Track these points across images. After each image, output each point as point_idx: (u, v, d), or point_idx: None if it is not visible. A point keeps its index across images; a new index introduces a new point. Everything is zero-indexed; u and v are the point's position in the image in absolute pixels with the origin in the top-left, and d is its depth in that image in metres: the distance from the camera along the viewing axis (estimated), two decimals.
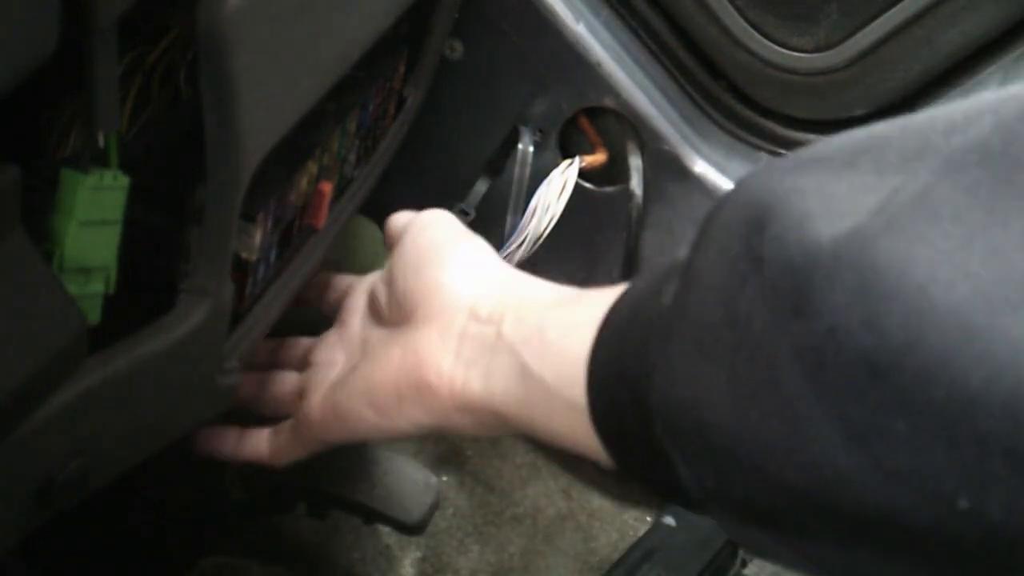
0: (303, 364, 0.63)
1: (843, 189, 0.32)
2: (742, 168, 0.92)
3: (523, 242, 0.92)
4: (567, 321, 0.46)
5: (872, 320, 0.28)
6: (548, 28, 0.89)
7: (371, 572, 0.97)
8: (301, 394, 0.60)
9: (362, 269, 1.01)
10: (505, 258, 0.94)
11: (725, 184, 0.92)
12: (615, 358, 0.42)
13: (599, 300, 0.45)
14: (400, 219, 0.61)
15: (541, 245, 0.93)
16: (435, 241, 0.56)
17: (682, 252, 0.39)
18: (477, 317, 0.50)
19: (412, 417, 0.51)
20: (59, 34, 0.37)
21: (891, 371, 0.28)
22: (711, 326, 0.34)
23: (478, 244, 0.57)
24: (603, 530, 1.04)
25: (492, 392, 0.48)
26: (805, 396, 0.30)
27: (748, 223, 0.34)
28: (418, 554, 0.99)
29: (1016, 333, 0.26)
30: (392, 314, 0.56)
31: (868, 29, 0.83)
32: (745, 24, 0.87)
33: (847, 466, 0.29)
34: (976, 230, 0.28)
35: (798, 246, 0.31)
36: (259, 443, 0.62)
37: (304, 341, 0.63)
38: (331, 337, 0.62)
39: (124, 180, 0.47)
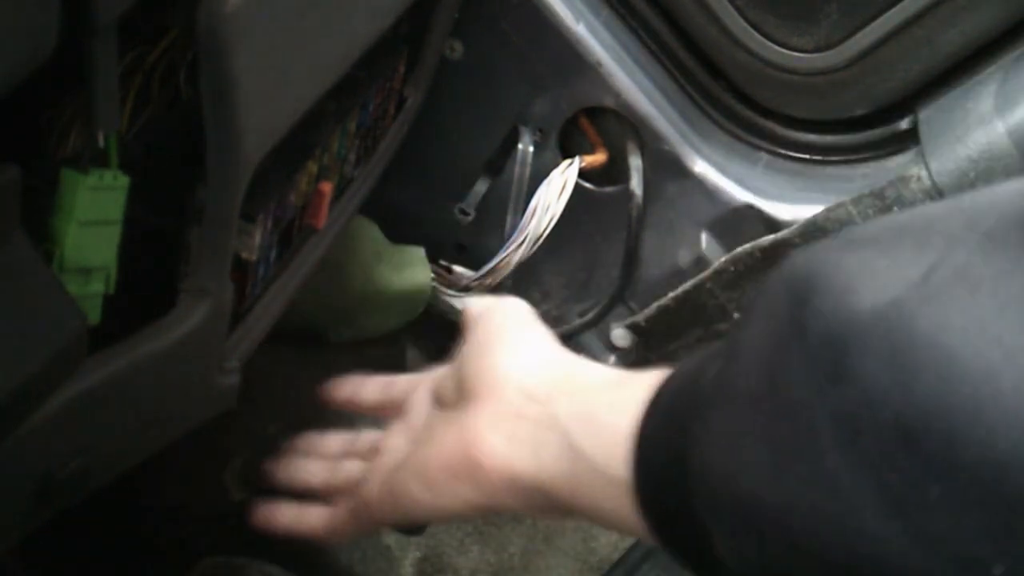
0: (372, 454, 0.63)
1: (885, 264, 0.32)
2: (742, 168, 0.92)
3: (523, 242, 0.92)
4: (616, 401, 0.46)
5: (904, 384, 0.29)
6: (548, 28, 0.89)
7: (371, 572, 0.97)
8: (364, 479, 0.61)
9: (362, 269, 1.02)
10: (505, 258, 0.94)
11: (725, 184, 0.92)
12: (660, 435, 0.43)
13: (648, 380, 0.46)
14: (476, 306, 0.62)
15: (541, 245, 0.93)
16: (500, 327, 0.57)
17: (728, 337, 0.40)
18: (532, 398, 0.51)
19: (463, 496, 0.52)
20: (59, 34, 0.37)
21: (923, 435, 0.28)
22: (752, 397, 0.35)
23: (541, 331, 0.57)
24: (603, 530, 1.04)
25: (541, 471, 0.49)
26: (842, 463, 0.30)
27: (793, 297, 0.34)
28: (418, 554, 0.99)
29: None
30: (455, 399, 0.57)
31: (868, 29, 0.83)
32: (745, 24, 0.87)
33: (884, 535, 0.29)
34: (1011, 301, 0.28)
35: (837, 315, 0.31)
36: (316, 520, 0.62)
37: (374, 434, 0.64)
38: (398, 426, 0.63)
39: (124, 180, 0.47)
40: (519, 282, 1.01)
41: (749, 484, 0.34)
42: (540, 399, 0.51)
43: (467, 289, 1.00)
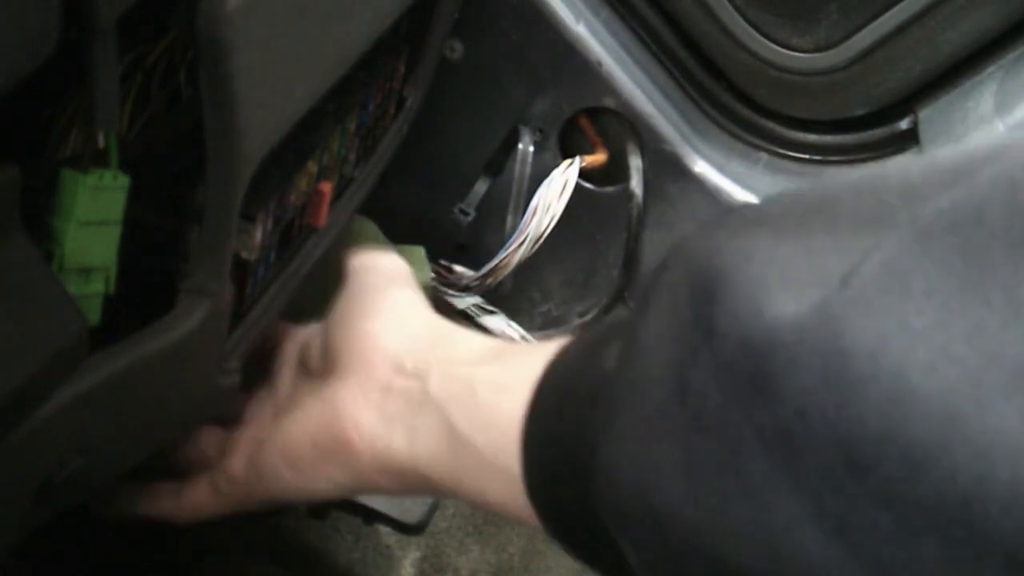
0: (233, 423, 0.58)
1: (798, 254, 0.30)
2: (742, 168, 0.92)
3: (523, 242, 0.92)
4: (499, 379, 0.42)
5: (846, 406, 0.26)
6: (548, 28, 0.89)
7: (371, 572, 0.97)
8: (223, 451, 0.55)
9: None
10: (505, 258, 0.94)
11: (725, 184, 0.92)
12: (552, 426, 0.39)
13: (534, 357, 0.42)
14: (355, 260, 0.56)
15: (541, 245, 0.93)
16: (365, 287, 0.53)
17: (620, 311, 0.37)
18: (402, 370, 0.47)
19: (330, 476, 0.48)
20: (59, 34, 0.37)
21: (872, 462, 0.26)
22: (660, 401, 0.32)
23: (410, 293, 0.52)
24: None
25: (417, 454, 0.45)
26: (773, 481, 0.28)
27: (695, 289, 0.32)
28: (418, 554, 0.99)
29: (1010, 423, 0.24)
30: (321, 366, 0.53)
31: (868, 29, 0.83)
32: (745, 24, 0.87)
33: (824, 557, 0.27)
34: (953, 306, 0.25)
35: (755, 321, 0.29)
36: (160, 499, 0.56)
37: (239, 398, 0.58)
38: (260, 392, 0.57)
39: (124, 180, 0.47)
40: (519, 282, 1.01)
41: (663, 498, 0.31)
42: (411, 372, 0.46)
43: (467, 288, 1.00)
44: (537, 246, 0.92)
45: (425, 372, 0.46)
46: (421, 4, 0.73)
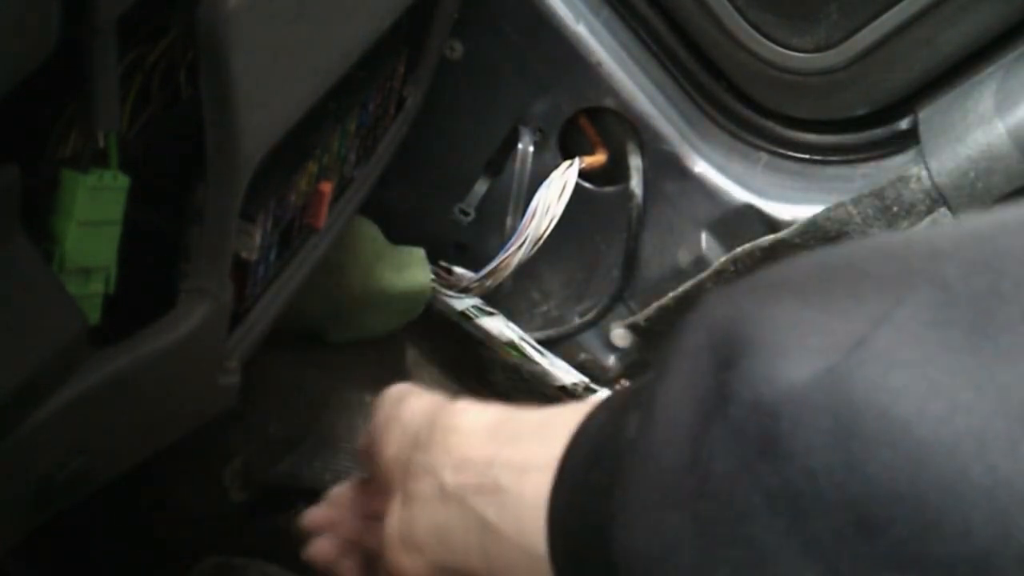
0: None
1: (818, 319, 0.29)
2: (742, 168, 0.92)
3: (523, 243, 0.92)
4: (520, 462, 0.41)
5: (853, 462, 0.25)
6: (548, 28, 0.89)
7: None
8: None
9: (362, 269, 1.02)
10: (505, 259, 0.94)
11: (725, 184, 0.92)
12: (575, 504, 0.38)
13: (554, 432, 0.40)
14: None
15: (541, 246, 0.93)
16: (379, 421, 0.52)
17: (645, 377, 0.37)
18: (412, 474, 0.46)
19: None
20: (59, 34, 0.37)
21: (884, 523, 0.25)
22: (672, 469, 0.31)
23: (409, 396, 0.52)
24: None
25: (449, 554, 0.44)
26: (783, 547, 0.27)
27: (718, 354, 0.31)
28: None
29: (1015, 474, 0.23)
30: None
31: (868, 29, 0.83)
32: (745, 24, 0.87)
33: None
34: (966, 359, 0.25)
35: (768, 384, 0.28)
36: None
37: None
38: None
39: (124, 180, 0.47)
40: (519, 282, 1.01)
41: (674, 570, 0.30)
42: (430, 470, 0.46)
43: (467, 290, 1.00)
44: (537, 247, 0.92)
45: (433, 467, 0.46)
46: (421, 4, 0.73)
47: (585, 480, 0.38)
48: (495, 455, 0.43)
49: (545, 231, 0.92)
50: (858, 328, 0.28)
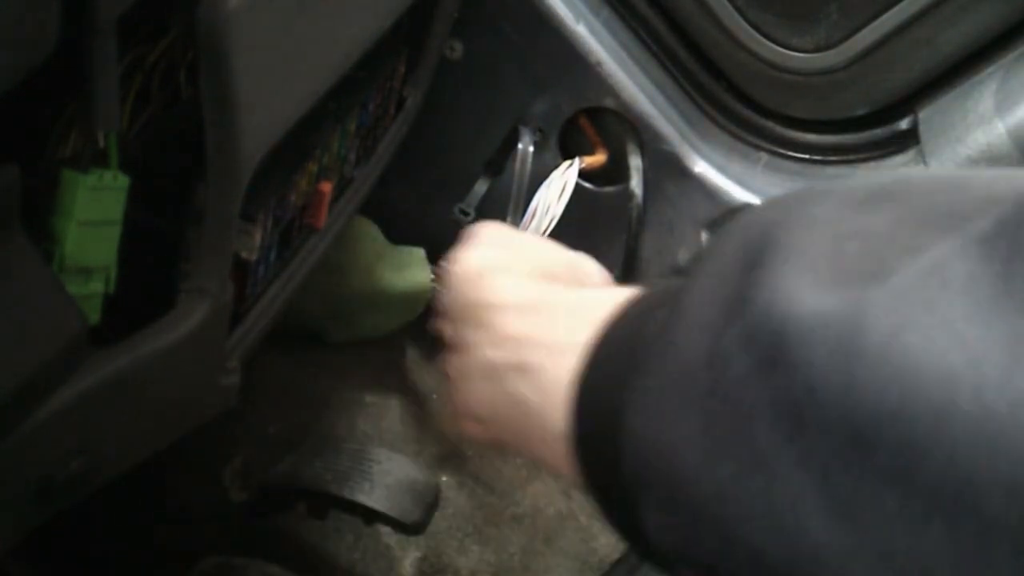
0: None
1: (854, 237, 0.29)
2: (742, 168, 0.92)
3: None
4: (552, 343, 0.42)
5: (853, 383, 0.26)
6: (548, 28, 0.89)
7: (371, 572, 0.97)
8: None
9: (362, 269, 1.02)
10: None
11: (725, 184, 0.92)
12: (596, 387, 0.39)
13: (588, 316, 0.41)
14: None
15: None
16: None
17: (685, 264, 0.37)
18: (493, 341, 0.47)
19: None
20: (59, 34, 0.37)
21: (876, 440, 0.26)
22: (690, 364, 0.32)
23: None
24: (603, 530, 1.04)
25: (505, 425, 0.46)
26: (783, 454, 0.28)
27: (747, 253, 0.31)
28: (418, 554, 0.99)
29: (1011, 409, 0.24)
30: None
31: (868, 29, 0.83)
32: (745, 24, 0.87)
33: (829, 541, 0.27)
34: (983, 302, 0.25)
35: (785, 294, 0.29)
36: None
37: None
38: None
39: (124, 180, 0.47)
40: None
41: (680, 462, 0.31)
42: (474, 345, 0.47)
43: None
44: None
45: (476, 343, 0.47)
46: (421, 4, 0.73)
47: (608, 366, 0.38)
48: (530, 333, 0.44)
49: (545, 231, 0.92)
50: (889, 261, 0.28)
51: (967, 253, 0.27)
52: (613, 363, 0.39)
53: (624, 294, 0.42)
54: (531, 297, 0.47)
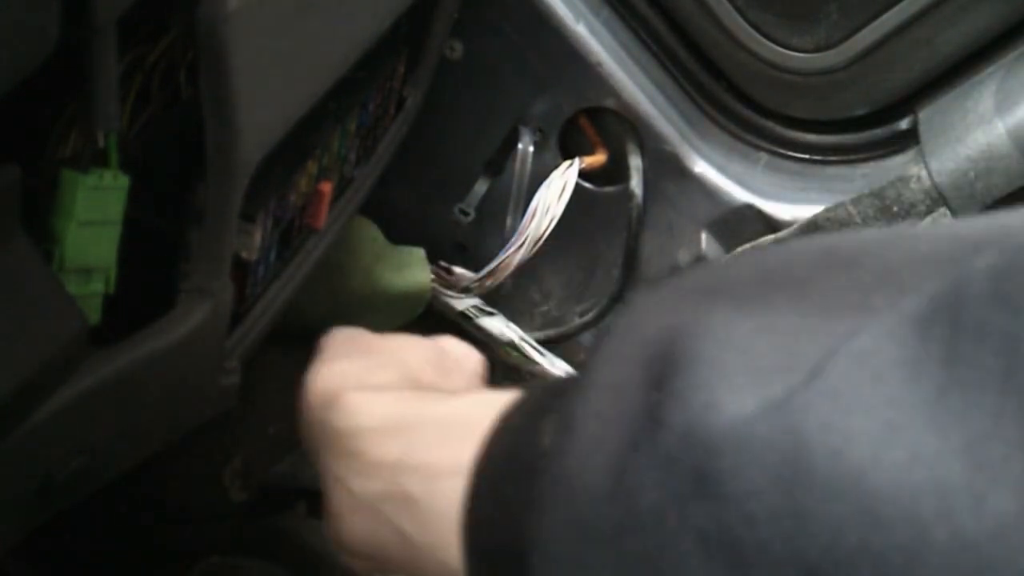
0: None
1: (761, 335, 0.26)
2: (742, 168, 0.92)
3: (523, 243, 0.92)
4: (428, 468, 0.38)
5: (802, 514, 0.23)
6: (548, 28, 0.89)
7: None
8: None
9: (362, 269, 1.02)
10: (505, 259, 0.94)
11: (725, 184, 0.92)
12: (491, 522, 0.34)
13: (464, 431, 0.36)
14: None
15: (541, 246, 0.93)
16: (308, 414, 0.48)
17: (568, 373, 0.33)
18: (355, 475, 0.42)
19: None
20: (59, 34, 0.37)
21: None
22: (592, 496, 0.28)
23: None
24: None
25: (388, 558, 0.41)
26: None
27: (650, 368, 0.28)
28: None
29: (991, 541, 0.21)
30: None
31: (868, 29, 0.83)
32: (745, 24, 0.87)
33: None
34: (931, 404, 0.22)
35: (707, 412, 0.25)
36: None
37: None
38: None
39: (124, 180, 0.47)
40: (519, 282, 1.01)
41: None
42: (338, 478, 0.43)
43: (467, 290, 1.00)
44: (537, 247, 0.92)
45: (340, 476, 0.42)
46: (421, 4, 0.73)
47: (500, 494, 0.34)
48: (401, 458, 0.40)
49: (545, 231, 0.92)
50: (809, 355, 0.25)
51: (896, 343, 0.24)
52: (503, 492, 0.34)
53: (500, 400, 0.37)
54: (396, 415, 0.41)
